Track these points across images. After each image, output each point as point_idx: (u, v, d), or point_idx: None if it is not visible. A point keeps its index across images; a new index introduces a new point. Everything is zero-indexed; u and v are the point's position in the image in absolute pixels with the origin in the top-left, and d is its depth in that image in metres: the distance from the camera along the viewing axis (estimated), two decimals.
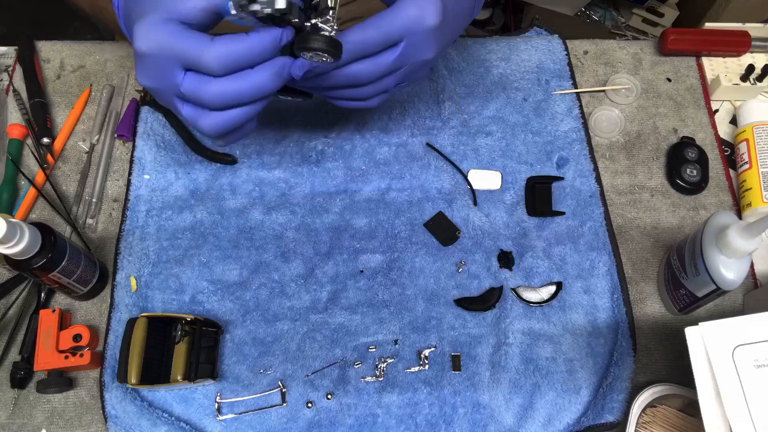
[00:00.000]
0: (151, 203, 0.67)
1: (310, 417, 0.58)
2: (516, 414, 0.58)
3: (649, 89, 0.76)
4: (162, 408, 0.58)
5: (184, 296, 0.62)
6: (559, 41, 0.77)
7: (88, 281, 0.61)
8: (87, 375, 0.61)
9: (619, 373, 0.59)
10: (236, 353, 0.60)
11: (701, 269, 0.55)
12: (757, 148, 0.68)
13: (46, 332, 0.58)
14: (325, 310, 0.62)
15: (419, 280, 0.63)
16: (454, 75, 0.75)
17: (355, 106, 0.55)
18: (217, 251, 0.64)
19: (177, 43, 0.43)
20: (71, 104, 0.74)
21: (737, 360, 0.47)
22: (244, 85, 0.45)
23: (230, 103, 0.46)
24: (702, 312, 0.63)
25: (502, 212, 0.67)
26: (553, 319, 0.62)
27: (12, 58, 0.76)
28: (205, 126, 0.47)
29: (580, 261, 0.64)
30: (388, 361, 0.60)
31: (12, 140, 0.70)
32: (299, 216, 0.66)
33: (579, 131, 0.71)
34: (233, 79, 0.45)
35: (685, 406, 0.57)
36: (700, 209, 0.69)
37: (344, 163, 0.69)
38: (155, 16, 0.43)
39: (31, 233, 0.53)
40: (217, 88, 0.44)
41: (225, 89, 0.45)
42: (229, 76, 0.44)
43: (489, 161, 0.70)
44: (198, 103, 0.46)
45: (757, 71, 0.74)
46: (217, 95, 0.45)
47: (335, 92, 0.53)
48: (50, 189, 0.68)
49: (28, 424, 0.59)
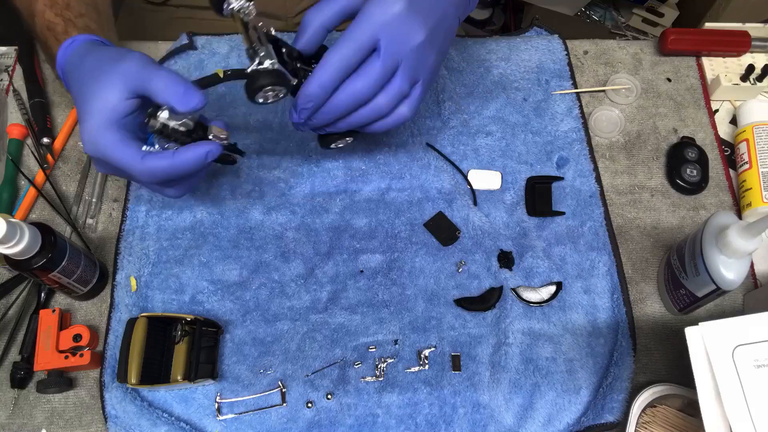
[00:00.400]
0: (151, 203, 0.67)
1: (310, 417, 0.58)
2: (516, 414, 0.58)
3: (649, 89, 0.76)
4: (162, 408, 0.58)
5: (184, 296, 0.62)
6: (559, 41, 0.77)
7: (88, 281, 0.61)
8: (87, 375, 0.61)
9: (619, 373, 0.59)
10: (236, 353, 0.60)
11: (701, 269, 0.55)
12: (757, 148, 0.68)
13: (46, 332, 0.58)
14: (325, 310, 0.62)
15: (419, 280, 0.63)
16: (454, 75, 0.75)
17: (391, 124, 0.55)
18: (217, 251, 0.64)
19: (113, 156, 0.50)
20: (71, 104, 0.74)
21: (737, 360, 0.47)
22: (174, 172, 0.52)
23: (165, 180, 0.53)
24: (702, 312, 0.63)
25: (502, 212, 0.67)
26: (553, 319, 0.62)
27: (12, 58, 0.76)
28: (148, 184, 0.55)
29: (580, 261, 0.64)
30: (388, 361, 0.60)
31: (12, 140, 0.70)
32: (299, 216, 0.66)
33: (579, 131, 0.72)
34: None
35: (685, 406, 0.57)
36: (700, 209, 0.69)
37: (344, 163, 0.69)
38: (94, 122, 0.50)
39: (31, 233, 0.53)
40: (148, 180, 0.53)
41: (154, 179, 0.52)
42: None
43: (489, 161, 0.70)
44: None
45: (757, 71, 0.74)
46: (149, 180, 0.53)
47: (356, 119, 0.54)
48: (50, 189, 0.68)
49: (28, 424, 0.59)
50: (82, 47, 0.56)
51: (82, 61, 0.55)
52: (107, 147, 0.50)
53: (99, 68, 0.52)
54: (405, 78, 0.52)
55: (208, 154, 0.51)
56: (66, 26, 0.59)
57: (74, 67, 0.56)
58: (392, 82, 0.52)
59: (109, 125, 0.50)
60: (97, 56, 0.54)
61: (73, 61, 0.56)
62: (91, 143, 0.51)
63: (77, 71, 0.55)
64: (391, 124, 0.55)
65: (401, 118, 0.54)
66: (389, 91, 0.52)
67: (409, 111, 0.54)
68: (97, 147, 0.51)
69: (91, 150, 0.51)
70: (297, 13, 0.90)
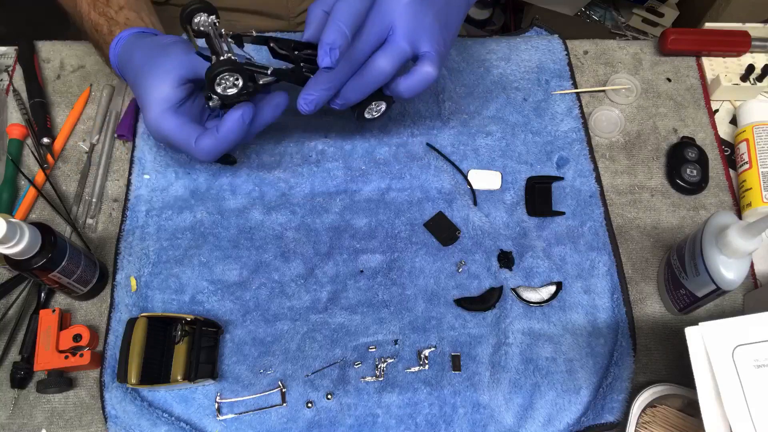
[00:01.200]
0: (151, 203, 0.67)
1: (310, 417, 0.58)
2: (516, 414, 0.58)
3: (649, 89, 0.76)
4: (162, 408, 0.58)
5: (184, 296, 0.62)
6: (559, 41, 0.77)
7: (88, 281, 0.61)
8: (87, 375, 0.61)
9: (619, 373, 0.59)
10: (236, 353, 0.60)
11: (701, 269, 0.55)
12: (757, 148, 0.68)
13: (46, 332, 0.58)
14: (325, 310, 0.62)
15: (419, 280, 0.63)
16: (454, 75, 0.75)
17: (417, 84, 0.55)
18: (217, 251, 0.64)
19: (175, 141, 0.58)
20: (71, 104, 0.74)
21: (737, 360, 0.47)
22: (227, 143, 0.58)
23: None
24: (702, 312, 0.63)
25: (502, 212, 0.67)
26: (553, 319, 0.62)
27: (12, 58, 0.76)
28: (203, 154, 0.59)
29: (580, 261, 0.64)
30: (388, 361, 0.60)
31: (12, 140, 0.70)
32: (299, 216, 0.66)
33: (579, 131, 0.72)
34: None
35: (685, 406, 0.57)
36: (700, 209, 0.69)
37: (344, 163, 0.69)
38: (153, 112, 0.57)
39: (31, 233, 0.53)
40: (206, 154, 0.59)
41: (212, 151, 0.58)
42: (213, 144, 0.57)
43: (489, 161, 0.70)
44: None
45: (757, 71, 0.74)
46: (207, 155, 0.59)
47: (362, 83, 0.55)
48: (50, 189, 0.68)
49: (28, 424, 0.59)
50: (128, 43, 0.61)
51: (131, 57, 0.60)
52: (168, 133, 0.57)
53: (148, 62, 0.58)
54: (401, 35, 0.53)
55: (243, 115, 0.56)
56: (110, 25, 0.63)
57: (125, 63, 0.61)
58: (389, 41, 0.53)
59: (167, 113, 0.57)
60: (144, 50, 0.59)
61: (124, 57, 0.61)
62: (155, 131, 0.58)
63: (129, 66, 0.60)
64: (417, 83, 0.55)
65: (425, 75, 0.55)
66: (387, 49, 0.53)
67: (432, 68, 0.54)
68: (160, 133, 0.58)
69: (156, 136, 0.59)
70: (299, 13, 0.90)
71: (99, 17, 0.64)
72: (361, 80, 0.55)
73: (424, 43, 0.55)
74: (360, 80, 0.55)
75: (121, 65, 0.62)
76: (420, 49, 0.55)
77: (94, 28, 0.64)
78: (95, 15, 0.64)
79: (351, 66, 0.54)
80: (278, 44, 0.56)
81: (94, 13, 0.64)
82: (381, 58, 0.54)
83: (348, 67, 0.54)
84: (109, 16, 0.63)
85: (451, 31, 0.59)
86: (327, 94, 0.55)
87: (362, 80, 0.55)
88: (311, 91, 0.54)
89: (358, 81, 0.55)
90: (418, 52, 0.55)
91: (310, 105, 0.55)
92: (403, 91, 0.56)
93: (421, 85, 0.55)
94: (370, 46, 0.53)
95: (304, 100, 0.54)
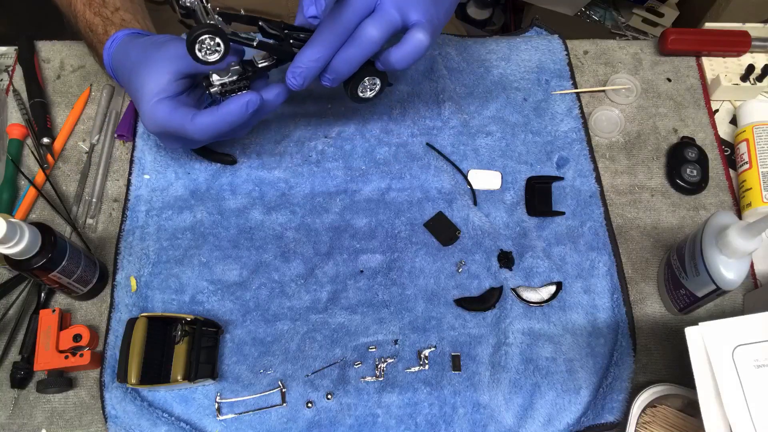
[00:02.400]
0: (151, 203, 0.67)
1: (310, 417, 0.58)
2: (516, 414, 0.58)
3: (649, 89, 0.76)
4: (162, 408, 0.58)
5: (184, 296, 0.62)
6: (559, 41, 0.77)
7: (88, 281, 0.61)
8: (87, 375, 0.61)
9: (619, 373, 0.59)
10: (236, 353, 0.60)
11: (701, 269, 0.55)
12: (757, 148, 0.68)
13: (46, 332, 0.58)
14: (325, 310, 0.62)
15: (419, 280, 0.63)
16: (454, 75, 0.75)
17: (410, 52, 0.54)
18: (217, 251, 0.64)
19: (169, 123, 0.56)
20: (71, 104, 0.74)
21: (737, 360, 0.47)
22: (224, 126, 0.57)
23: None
24: (702, 312, 0.63)
25: (502, 212, 0.67)
26: (553, 319, 0.62)
27: (12, 58, 0.76)
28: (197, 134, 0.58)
29: (580, 261, 0.64)
30: (388, 361, 0.60)
31: (12, 140, 0.70)
32: (299, 216, 0.66)
33: (579, 131, 0.72)
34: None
35: (685, 406, 0.57)
36: (700, 209, 0.69)
37: (344, 163, 0.69)
38: (148, 103, 0.56)
39: (31, 233, 0.53)
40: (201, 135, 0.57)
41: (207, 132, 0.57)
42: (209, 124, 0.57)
43: (489, 161, 0.70)
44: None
45: (757, 71, 0.73)
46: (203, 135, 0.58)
47: (353, 53, 0.53)
48: (50, 189, 0.68)
49: (28, 424, 0.59)
50: (123, 42, 0.61)
51: (126, 56, 0.60)
52: (163, 118, 0.56)
53: (144, 58, 0.57)
54: (390, 4, 0.52)
55: (248, 104, 0.55)
56: (105, 25, 0.63)
57: (120, 62, 0.60)
58: (377, 9, 0.52)
59: (162, 101, 0.56)
60: (140, 48, 0.59)
61: (118, 56, 0.61)
62: (151, 121, 0.57)
63: (124, 64, 0.60)
64: (409, 51, 0.54)
65: (418, 43, 0.53)
66: (376, 17, 0.52)
67: (424, 35, 0.53)
68: (156, 121, 0.56)
69: (152, 126, 0.57)
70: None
71: (94, 17, 0.64)
72: (351, 50, 0.53)
73: (413, 12, 0.53)
74: (349, 50, 0.53)
75: (115, 64, 0.62)
76: (410, 18, 0.53)
77: (88, 27, 0.64)
78: (90, 14, 0.64)
79: (339, 37, 0.52)
80: (268, 24, 0.55)
81: (89, 13, 0.64)
82: (370, 26, 0.52)
83: (336, 37, 0.52)
84: (104, 16, 0.63)
85: (445, 6, 0.57)
86: (316, 65, 0.53)
87: (351, 50, 0.53)
88: (299, 64, 0.53)
89: (347, 51, 0.53)
90: (409, 21, 0.54)
91: (298, 78, 0.54)
92: (395, 62, 0.54)
93: (414, 54, 0.54)
94: (357, 15, 0.52)
95: (292, 73, 0.53)
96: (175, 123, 0.56)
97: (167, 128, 0.57)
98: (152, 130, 0.58)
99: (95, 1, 0.64)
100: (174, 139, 0.60)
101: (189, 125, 0.56)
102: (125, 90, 0.62)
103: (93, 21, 0.64)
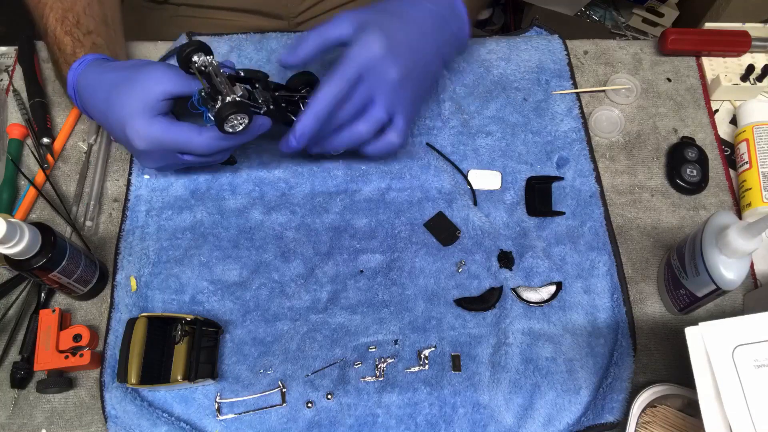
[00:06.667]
0: (151, 203, 0.67)
1: (310, 417, 0.58)
2: (516, 414, 0.58)
3: (649, 89, 0.76)
4: (162, 408, 0.58)
5: (184, 296, 0.62)
6: (559, 41, 0.77)
7: (88, 281, 0.61)
8: (87, 375, 0.61)
9: (619, 373, 0.59)
10: (236, 353, 0.60)
11: (701, 269, 0.55)
12: (757, 148, 0.68)
13: (46, 332, 0.58)
14: (325, 310, 0.62)
15: (419, 280, 0.63)
16: (454, 75, 0.75)
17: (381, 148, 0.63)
18: (217, 251, 0.64)
19: (171, 137, 0.56)
20: (71, 104, 0.74)
21: (737, 360, 0.47)
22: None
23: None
24: (702, 312, 0.63)
25: (502, 212, 0.67)
26: (553, 319, 0.62)
27: (12, 58, 0.76)
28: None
29: (580, 261, 0.64)
30: (388, 361, 0.60)
31: (12, 140, 0.70)
32: (299, 216, 0.66)
33: (579, 131, 0.72)
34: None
35: (685, 406, 0.57)
36: (700, 209, 0.69)
37: (344, 163, 0.69)
38: (139, 119, 0.56)
39: (31, 233, 0.53)
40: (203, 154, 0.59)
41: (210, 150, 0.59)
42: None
43: (489, 161, 0.70)
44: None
45: (757, 71, 0.73)
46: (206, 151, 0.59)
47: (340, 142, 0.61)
48: (50, 189, 0.68)
49: (28, 424, 0.59)
50: (93, 65, 0.60)
51: (100, 77, 0.59)
52: (162, 132, 0.56)
53: (127, 79, 0.57)
54: (381, 107, 0.59)
55: (261, 127, 0.59)
56: (74, 46, 0.62)
57: (92, 84, 0.59)
58: (370, 111, 0.59)
59: (154, 117, 0.56)
60: (119, 69, 0.59)
61: (89, 78, 0.60)
62: (144, 137, 0.56)
63: (97, 86, 0.59)
64: (381, 148, 0.62)
65: (390, 143, 0.62)
66: (367, 118, 0.60)
67: (397, 138, 0.62)
68: (151, 136, 0.56)
69: (143, 143, 0.56)
70: (298, 13, 0.90)
71: (65, 35, 0.62)
72: (340, 139, 0.61)
73: (398, 115, 0.61)
74: (339, 139, 0.61)
75: (81, 87, 0.60)
76: (394, 116, 0.61)
77: (57, 44, 0.63)
78: (61, 32, 0.62)
79: (332, 126, 0.60)
80: (262, 85, 0.59)
81: (60, 30, 0.63)
82: (361, 124, 0.60)
83: (329, 127, 0.60)
84: (75, 37, 0.62)
85: (425, 98, 0.70)
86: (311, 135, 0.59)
87: (341, 139, 0.61)
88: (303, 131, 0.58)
89: (337, 139, 0.61)
90: (392, 119, 0.61)
91: (290, 150, 0.60)
92: (368, 153, 0.63)
93: (385, 151, 0.63)
94: (351, 115, 0.59)
95: (286, 146, 0.60)
96: (177, 137, 0.56)
97: (164, 143, 0.57)
98: (143, 147, 0.57)
99: (68, 19, 0.63)
100: (161, 156, 0.59)
101: (197, 138, 0.57)
102: (90, 113, 0.61)
103: (63, 39, 0.62)
